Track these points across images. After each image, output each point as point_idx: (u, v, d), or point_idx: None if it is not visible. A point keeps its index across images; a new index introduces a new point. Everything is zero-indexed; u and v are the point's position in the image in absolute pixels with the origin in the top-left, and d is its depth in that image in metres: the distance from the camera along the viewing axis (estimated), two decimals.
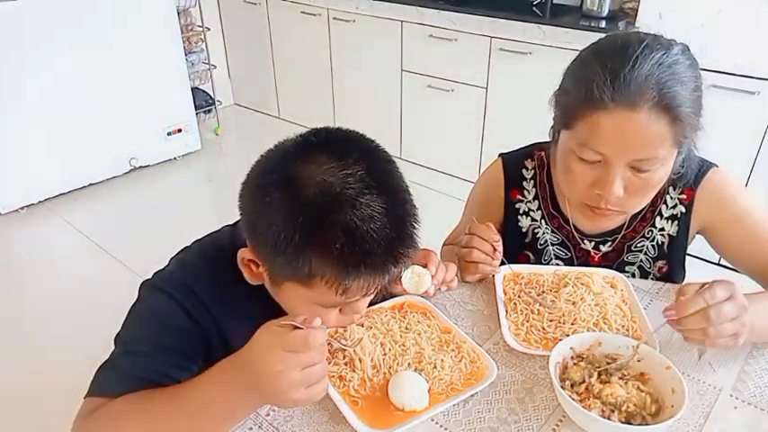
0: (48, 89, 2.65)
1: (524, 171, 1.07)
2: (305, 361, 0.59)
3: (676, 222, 1.00)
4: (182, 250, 0.82)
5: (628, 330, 0.85)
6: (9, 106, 2.55)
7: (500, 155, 1.11)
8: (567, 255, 1.06)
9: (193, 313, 0.74)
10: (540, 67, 2.36)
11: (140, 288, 0.77)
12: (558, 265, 1.06)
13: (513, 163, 1.08)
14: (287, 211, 0.62)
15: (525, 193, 1.07)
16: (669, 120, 0.79)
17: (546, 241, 1.07)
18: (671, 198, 1.00)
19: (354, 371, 0.77)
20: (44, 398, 1.71)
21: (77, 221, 2.69)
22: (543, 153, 1.06)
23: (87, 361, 0.76)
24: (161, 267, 0.80)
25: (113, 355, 0.73)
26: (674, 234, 1.01)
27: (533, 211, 1.07)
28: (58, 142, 2.76)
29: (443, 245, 1.20)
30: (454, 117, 2.88)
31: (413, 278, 0.86)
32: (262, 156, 0.69)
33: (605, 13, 2.38)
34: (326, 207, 0.61)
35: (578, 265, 1.04)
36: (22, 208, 2.74)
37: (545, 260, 1.07)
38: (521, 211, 1.08)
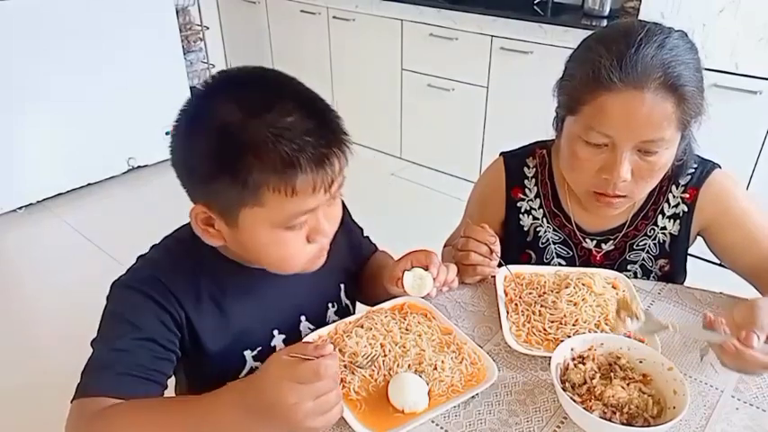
0: (45, 88, 2.64)
1: (526, 169, 1.07)
2: (318, 391, 0.59)
3: (678, 221, 1.00)
4: (149, 249, 0.85)
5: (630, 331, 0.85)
6: (6, 106, 2.54)
7: (501, 153, 1.10)
8: (568, 253, 1.06)
9: (164, 304, 0.76)
10: (541, 67, 2.36)
11: (111, 288, 0.78)
12: (559, 263, 1.05)
13: (514, 161, 1.08)
14: (213, 134, 0.66)
15: (527, 191, 1.06)
16: (675, 99, 0.80)
17: (548, 240, 1.06)
18: (673, 197, 0.99)
19: (354, 373, 0.76)
20: (43, 398, 1.71)
21: (75, 221, 2.69)
22: (544, 151, 1.06)
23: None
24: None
25: (95, 355, 0.73)
26: (676, 233, 1.00)
27: (535, 209, 1.06)
28: (55, 142, 2.75)
29: (444, 245, 1.19)
30: (455, 116, 2.87)
31: (415, 281, 0.86)
32: (174, 123, 0.73)
33: (606, 12, 2.38)
34: (247, 115, 0.65)
35: (580, 264, 1.04)
36: (19, 208, 2.74)
37: (547, 259, 1.07)
38: (522, 210, 1.07)
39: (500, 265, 0.95)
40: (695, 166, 0.97)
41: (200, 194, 0.72)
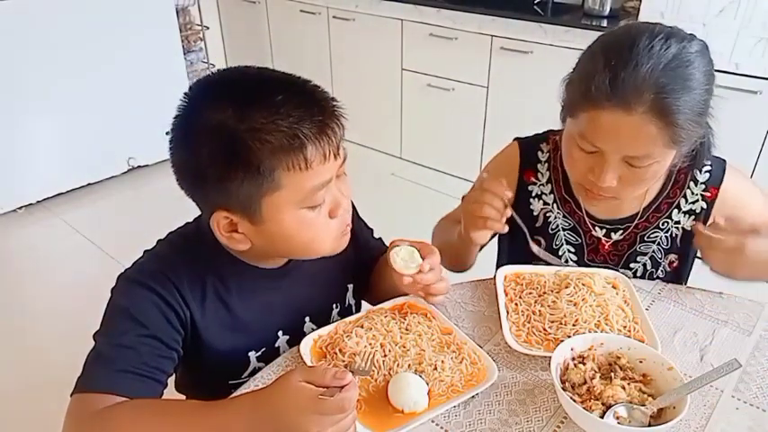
0: (45, 88, 2.64)
1: (540, 154, 1.07)
2: (339, 419, 0.60)
3: (694, 218, 1.00)
4: (155, 244, 0.85)
5: (629, 331, 0.85)
6: (6, 105, 2.54)
7: (515, 139, 1.10)
8: (577, 240, 1.06)
9: (170, 301, 0.76)
10: (542, 66, 2.35)
11: (117, 281, 0.78)
12: (568, 250, 1.06)
13: (529, 146, 1.08)
14: (213, 136, 0.67)
15: (539, 175, 1.06)
16: (663, 124, 0.79)
17: (557, 226, 1.06)
18: (692, 193, 0.99)
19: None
20: (43, 398, 1.71)
21: (75, 221, 2.69)
22: (558, 137, 1.06)
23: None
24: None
25: (98, 349, 0.73)
26: (689, 229, 1.00)
27: (546, 194, 1.06)
28: (55, 142, 2.75)
29: (439, 221, 1.18)
30: (455, 116, 2.87)
31: (404, 255, 0.83)
32: (170, 134, 0.74)
33: (607, 11, 2.37)
34: (238, 108, 0.66)
35: (588, 252, 1.04)
36: (19, 208, 2.73)
37: (556, 245, 1.07)
38: (533, 194, 1.07)
39: (509, 221, 0.93)
40: (709, 163, 0.98)
41: (216, 200, 0.71)
